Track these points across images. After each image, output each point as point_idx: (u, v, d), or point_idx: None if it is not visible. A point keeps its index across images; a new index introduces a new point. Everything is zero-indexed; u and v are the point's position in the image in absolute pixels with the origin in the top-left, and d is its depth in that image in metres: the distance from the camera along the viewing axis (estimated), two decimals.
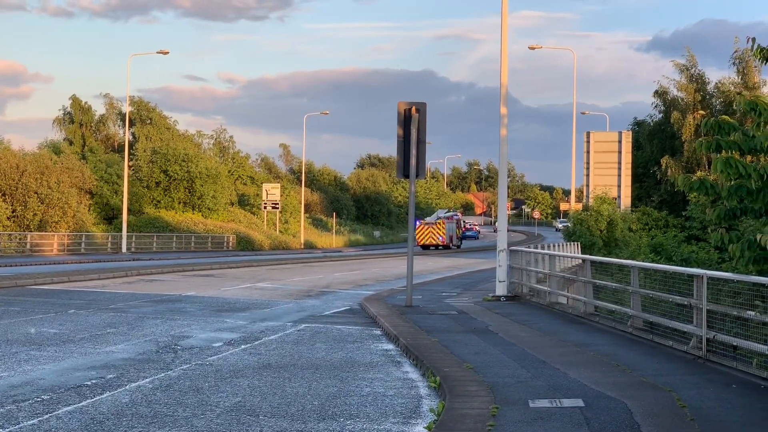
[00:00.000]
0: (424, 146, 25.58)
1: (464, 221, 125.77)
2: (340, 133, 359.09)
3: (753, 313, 13.72)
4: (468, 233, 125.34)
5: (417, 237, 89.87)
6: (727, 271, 18.76)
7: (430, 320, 21.67)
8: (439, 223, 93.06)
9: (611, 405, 11.08)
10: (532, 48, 64.94)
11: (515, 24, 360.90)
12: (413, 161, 25.23)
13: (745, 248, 14.84)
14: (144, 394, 12.20)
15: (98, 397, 11.92)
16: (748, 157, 16.24)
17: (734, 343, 14.33)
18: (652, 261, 33.44)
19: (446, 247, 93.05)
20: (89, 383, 12.97)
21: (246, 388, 12.82)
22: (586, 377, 13.17)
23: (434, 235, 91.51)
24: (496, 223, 30.45)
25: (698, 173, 50.19)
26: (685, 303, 15.86)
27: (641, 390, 12.14)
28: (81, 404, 11.45)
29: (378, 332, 20.31)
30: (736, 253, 15.02)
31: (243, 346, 17.41)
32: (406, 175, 25.43)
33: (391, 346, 17.95)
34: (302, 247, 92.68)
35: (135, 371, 14.13)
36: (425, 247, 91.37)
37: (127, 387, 12.74)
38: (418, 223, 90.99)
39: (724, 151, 15.35)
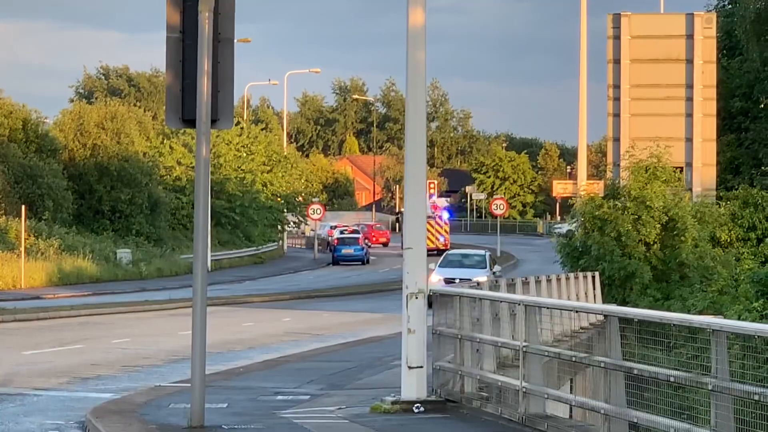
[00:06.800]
0: (231, 50, 14.67)
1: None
2: (34, 19, 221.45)
3: None
4: (344, 250, 72.72)
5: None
6: None
7: None
8: (438, 218, 67.56)
9: None
10: None
11: None
12: (204, 86, 14.22)
13: None
14: None
15: None
16: None
17: None
18: (760, 316, 21.45)
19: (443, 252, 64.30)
20: None
21: None
22: None
23: (432, 234, 61.49)
24: (404, 230, 15.39)
25: None
26: None
27: None
28: None
29: None
30: None
31: None
32: (190, 120, 14.46)
33: None
34: None
35: None
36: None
37: None
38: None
39: None
